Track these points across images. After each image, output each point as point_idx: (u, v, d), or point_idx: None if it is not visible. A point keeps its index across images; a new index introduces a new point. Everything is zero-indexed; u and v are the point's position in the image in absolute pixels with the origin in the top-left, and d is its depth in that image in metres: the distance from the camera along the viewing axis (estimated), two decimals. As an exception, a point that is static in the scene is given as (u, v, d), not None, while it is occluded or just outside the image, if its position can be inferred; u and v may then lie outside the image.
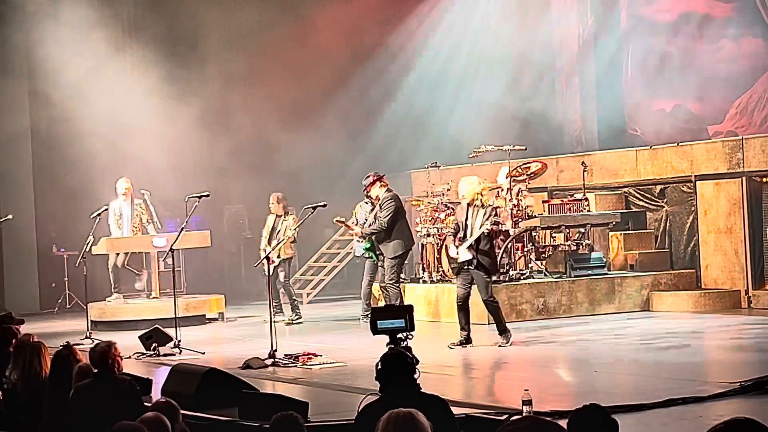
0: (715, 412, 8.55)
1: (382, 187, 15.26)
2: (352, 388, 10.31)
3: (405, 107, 21.33)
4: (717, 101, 18.23)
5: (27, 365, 8.25)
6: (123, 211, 17.40)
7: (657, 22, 19.15)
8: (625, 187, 18.08)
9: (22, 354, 8.34)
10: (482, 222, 12.67)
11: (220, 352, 13.97)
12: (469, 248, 12.79)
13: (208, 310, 17.61)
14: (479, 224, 12.68)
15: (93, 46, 19.83)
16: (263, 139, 20.93)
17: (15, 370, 8.33)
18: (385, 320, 8.71)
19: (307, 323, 16.77)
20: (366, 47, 21.31)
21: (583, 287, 16.07)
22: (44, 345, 8.45)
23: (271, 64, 21.35)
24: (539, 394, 8.40)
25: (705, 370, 11.40)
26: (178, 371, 10.18)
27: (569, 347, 13.15)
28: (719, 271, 16.54)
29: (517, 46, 20.57)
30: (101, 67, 20.05)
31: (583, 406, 5.04)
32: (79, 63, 19.75)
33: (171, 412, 6.26)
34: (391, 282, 14.89)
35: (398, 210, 15.00)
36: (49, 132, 20.63)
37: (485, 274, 12.94)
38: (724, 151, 16.51)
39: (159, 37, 21.00)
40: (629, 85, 19.67)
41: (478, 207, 12.83)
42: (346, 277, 21.28)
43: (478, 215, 12.75)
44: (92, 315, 16.48)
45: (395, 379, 6.37)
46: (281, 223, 16.75)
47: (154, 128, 20.20)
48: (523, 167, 16.79)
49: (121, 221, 17.35)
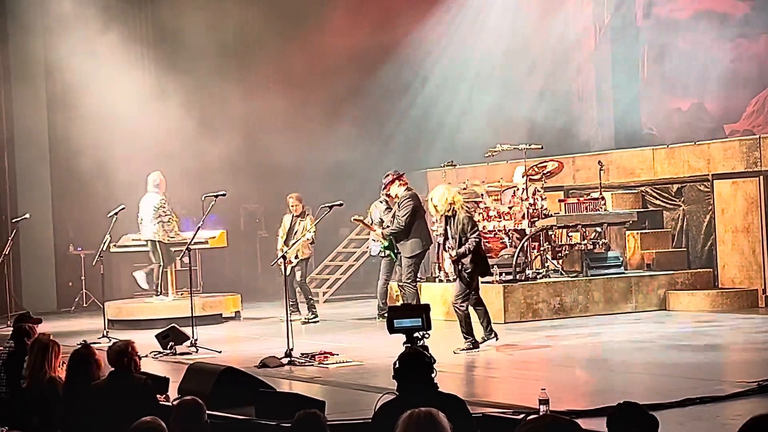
0: (732, 412, 8.54)
1: (402, 185, 15.24)
2: (368, 387, 10.31)
3: (421, 107, 21.34)
4: (733, 100, 18.19)
5: (33, 364, 8.34)
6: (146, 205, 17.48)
7: (674, 20, 19.11)
8: (642, 186, 18.05)
9: (32, 353, 8.43)
10: (463, 235, 12.48)
11: (236, 350, 13.99)
12: (454, 262, 12.68)
13: (224, 309, 17.63)
14: (459, 233, 12.50)
15: (109, 49, 19.92)
16: (278, 139, 20.95)
17: (27, 368, 8.41)
18: (401, 319, 8.72)
19: (324, 322, 16.78)
20: (381, 48, 21.29)
21: (600, 286, 16.04)
22: (53, 344, 8.49)
23: (288, 66, 21.41)
24: (556, 393, 8.39)
25: (722, 369, 11.38)
26: (195, 370, 10.21)
27: (586, 347, 13.13)
28: (736, 270, 16.49)
29: (533, 45, 20.56)
30: (118, 69, 20.12)
31: (619, 404, 5.04)
32: (96, 66, 19.84)
33: (197, 410, 6.29)
34: (408, 281, 14.87)
35: (416, 209, 14.97)
36: (66, 132, 20.69)
37: (462, 283, 12.65)
38: (741, 150, 16.47)
39: (173, 39, 21.07)
40: (645, 84, 19.64)
41: (452, 215, 12.63)
42: (362, 276, 21.29)
43: (457, 225, 12.59)
44: (109, 314, 16.51)
45: (413, 378, 6.38)
46: (299, 224, 16.75)
47: (171, 128, 20.27)
48: (540, 166, 16.78)
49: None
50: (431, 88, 21.29)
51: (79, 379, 7.80)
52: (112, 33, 20.06)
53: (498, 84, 20.79)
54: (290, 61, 21.47)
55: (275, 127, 21.21)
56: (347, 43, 20.93)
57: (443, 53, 21.36)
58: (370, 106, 21.76)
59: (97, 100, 19.89)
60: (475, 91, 21.11)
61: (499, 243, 16.44)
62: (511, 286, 15.53)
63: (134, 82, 20.64)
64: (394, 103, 21.62)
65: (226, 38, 21.42)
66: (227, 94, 21.02)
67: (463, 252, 12.49)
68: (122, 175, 19.40)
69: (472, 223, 12.66)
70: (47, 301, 20.70)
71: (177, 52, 21.12)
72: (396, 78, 21.50)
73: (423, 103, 21.32)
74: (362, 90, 21.59)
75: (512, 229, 16.29)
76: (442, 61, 21.38)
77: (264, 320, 17.49)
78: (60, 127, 20.84)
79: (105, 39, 19.98)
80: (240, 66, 21.65)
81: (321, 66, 21.44)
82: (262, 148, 21.07)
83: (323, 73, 21.53)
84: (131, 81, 20.48)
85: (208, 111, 20.49)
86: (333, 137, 21.19)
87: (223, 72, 21.35)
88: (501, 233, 16.40)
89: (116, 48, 20.13)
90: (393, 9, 21.09)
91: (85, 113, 20.13)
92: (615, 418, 4.99)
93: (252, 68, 22.00)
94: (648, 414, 5.00)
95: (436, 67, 21.38)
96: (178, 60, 21.08)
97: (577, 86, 20.93)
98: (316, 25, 21.26)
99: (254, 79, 21.97)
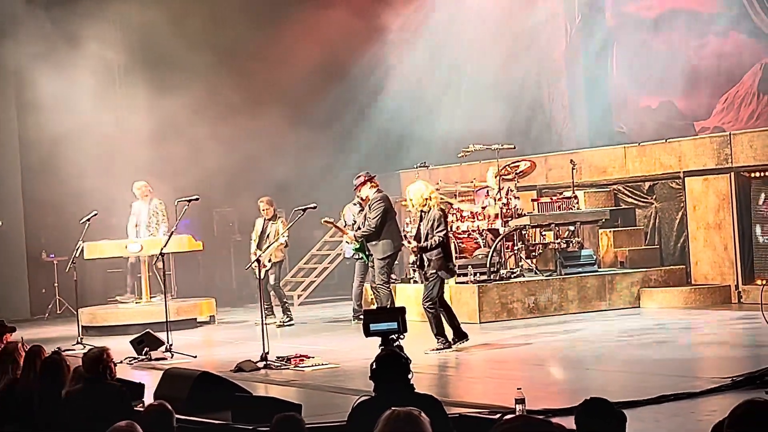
0: (707, 408, 8.58)
1: (372, 187, 15.24)
2: (344, 389, 10.31)
3: (393, 108, 21.32)
4: (703, 97, 18.26)
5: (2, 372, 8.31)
6: (141, 213, 17.49)
7: (643, 19, 19.18)
8: (614, 184, 18.12)
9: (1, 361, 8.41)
10: (431, 231, 12.46)
11: (211, 355, 13.96)
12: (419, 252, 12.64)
13: (199, 314, 17.59)
14: (428, 229, 12.49)
15: (80, 56, 19.82)
16: (251, 141, 20.89)
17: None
18: (377, 323, 8.71)
19: (299, 325, 16.77)
20: (354, 48, 21.28)
21: (574, 285, 16.10)
22: (19, 348, 8.45)
23: (258, 67, 21.35)
24: (532, 392, 8.41)
25: (696, 366, 11.43)
26: (171, 375, 10.16)
27: (561, 345, 13.17)
28: (709, 266, 16.58)
29: (504, 44, 20.59)
30: (89, 75, 20.02)
31: (586, 400, 5.03)
32: (67, 72, 19.75)
33: (165, 414, 6.25)
34: (381, 283, 14.88)
35: (387, 210, 14.98)
36: (37, 138, 20.58)
37: (428, 281, 12.68)
38: (712, 147, 16.56)
39: (145, 46, 21.01)
40: (615, 83, 19.70)
41: (426, 212, 12.65)
42: (337, 279, 21.28)
43: (428, 221, 12.59)
44: (83, 320, 16.45)
45: (389, 378, 6.38)
46: (270, 227, 16.76)
47: (142, 133, 20.20)
48: (512, 166, 16.83)
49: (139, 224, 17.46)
50: (403, 89, 21.26)
51: (53, 386, 7.76)
52: (84, 41, 19.94)
53: (470, 84, 20.81)
54: (255, 66, 21.39)
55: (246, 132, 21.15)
56: (317, 44, 20.89)
57: (415, 53, 21.34)
58: (341, 108, 21.73)
59: (67, 105, 19.77)
60: (448, 92, 21.13)
61: (473, 243, 16.47)
62: (485, 285, 15.56)
63: (105, 88, 20.55)
64: (365, 105, 21.59)
65: (195, 40, 21.31)
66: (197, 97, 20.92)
67: (425, 246, 12.48)
68: (94, 181, 19.31)
69: (442, 222, 12.62)
70: (20, 308, 20.58)
71: (146, 57, 21.04)
72: (366, 80, 21.47)
73: (395, 105, 21.29)
74: (332, 93, 21.57)
75: (486, 228, 16.33)
76: (414, 61, 21.36)
77: (239, 324, 17.46)
78: (31, 133, 20.71)
79: (74, 46, 19.86)
80: (208, 69, 21.54)
81: (287, 71, 21.36)
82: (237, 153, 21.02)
83: (290, 77, 21.45)
84: (102, 87, 20.38)
85: (180, 115, 20.40)
86: (307, 140, 21.17)
87: (192, 76, 21.24)
88: (475, 233, 16.43)
89: (86, 54, 20.01)
90: (364, 9, 21.09)
91: (56, 119, 20.02)
92: (582, 414, 4.98)
93: (220, 73, 21.90)
94: (615, 409, 5.00)
95: (408, 68, 21.36)
96: (147, 64, 20.99)
97: (549, 86, 20.98)
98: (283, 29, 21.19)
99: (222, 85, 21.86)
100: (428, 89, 21.23)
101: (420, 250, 12.55)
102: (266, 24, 21.32)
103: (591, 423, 4.93)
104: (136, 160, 19.63)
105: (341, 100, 21.59)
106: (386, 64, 21.39)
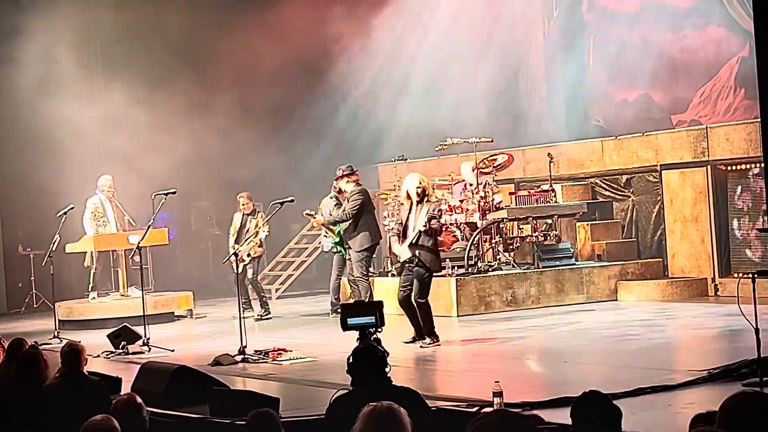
0: (683, 401, 8.61)
1: (350, 182, 15.26)
2: (323, 383, 10.31)
3: (370, 101, 21.30)
4: (680, 91, 18.31)
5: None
6: (106, 208, 17.32)
7: (620, 12, 19.21)
8: (591, 177, 18.17)
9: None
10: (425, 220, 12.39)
11: (189, 349, 13.92)
12: (410, 246, 12.49)
13: (176, 308, 17.56)
14: (421, 222, 12.41)
15: (56, 44, 19.72)
16: (227, 136, 20.85)
17: None
18: (355, 317, 8.71)
19: (277, 319, 16.76)
20: (330, 40, 21.23)
21: (551, 278, 16.13)
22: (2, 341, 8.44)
23: (233, 65, 21.31)
24: (510, 385, 8.42)
25: (673, 358, 11.48)
26: (148, 369, 10.14)
27: (539, 338, 13.20)
28: (686, 259, 16.64)
29: (481, 37, 20.58)
30: (65, 65, 19.94)
31: (584, 393, 5.04)
32: (43, 61, 19.65)
33: (135, 407, 6.24)
34: (360, 276, 14.89)
35: (365, 203, 15.02)
36: (13, 131, 20.48)
37: (425, 272, 12.59)
38: (689, 141, 16.62)
39: (123, 37, 20.94)
40: (593, 76, 19.73)
41: (421, 204, 12.55)
42: (315, 272, 21.27)
43: (421, 212, 12.48)
44: (60, 314, 16.39)
45: (366, 372, 6.38)
46: (249, 221, 16.74)
47: (119, 125, 20.13)
48: (490, 159, 16.84)
49: (105, 219, 17.29)
50: (379, 83, 21.24)
51: (30, 380, 7.73)
52: (63, 32, 19.84)
53: (447, 77, 20.80)
54: (235, 61, 21.32)
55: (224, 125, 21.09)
56: (291, 40, 20.83)
57: (390, 47, 21.30)
58: (318, 102, 21.69)
59: (44, 97, 19.68)
60: (425, 85, 21.09)
61: (451, 236, 16.48)
62: (463, 279, 15.58)
63: (82, 80, 20.46)
64: (341, 99, 21.55)
65: (173, 36, 21.25)
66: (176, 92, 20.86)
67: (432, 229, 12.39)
68: (71, 175, 19.23)
69: (438, 209, 12.75)
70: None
71: (126, 50, 20.96)
72: (343, 73, 21.42)
73: (372, 98, 21.27)
74: (310, 87, 21.53)
75: (464, 222, 16.34)
76: (390, 54, 21.32)
77: (217, 318, 17.42)
78: (6, 126, 20.61)
79: (54, 37, 19.76)
80: (187, 64, 21.48)
81: (267, 65, 21.30)
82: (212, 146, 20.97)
83: (269, 71, 21.39)
84: (79, 79, 20.29)
85: (157, 109, 20.32)
86: (283, 133, 21.14)
87: (170, 70, 21.17)
88: (453, 227, 16.45)
89: (64, 45, 19.91)
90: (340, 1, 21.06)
91: (32, 111, 19.92)
92: (580, 407, 4.99)
93: (197, 68, 21.85)
94: (612, 404, 5.02)
95: (384, 62, 21.34)
96: (127, 57, 20.92)
97: (526, 79, 21.00)
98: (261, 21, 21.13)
99: (199, 79, 21.80)
100: (405, 82, 21.19)
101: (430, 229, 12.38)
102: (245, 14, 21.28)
103: (588, 416, 4.94)
104: (110, 153, 19.53)
105: (318, 94, 21.54)
106: (364, 56, 21.33)
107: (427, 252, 12.53)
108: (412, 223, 12.54)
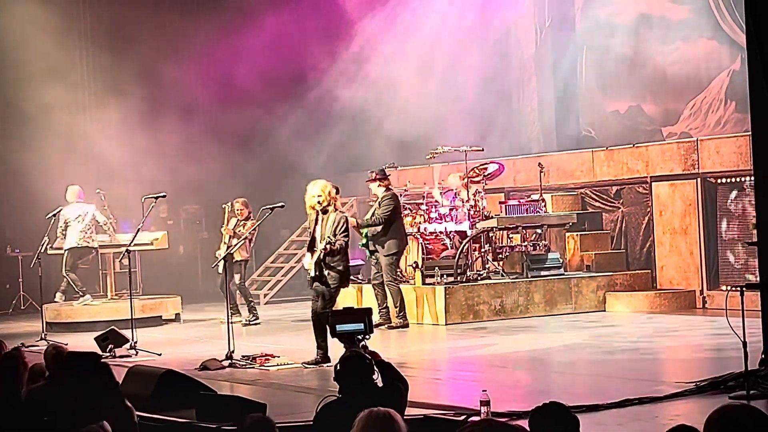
0: (671, 412, 8.62)
1: (381, 186, 15.34)
2: (310, 389, 10.30)
3: (361, 108, 21.28)
4: (671, 103, 18.35)
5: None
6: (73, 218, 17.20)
7: (613, 24, 19.25)
8: (582, 188, 18.19)
9: None
10: (331, 232, 11.78)
11: (176, 353, 13.88)
12: (316, 263, 11.88)
13: (164, 312, 17.53)
14: (328, 233, 11.83)
15: (45, 44, 19.70)
16: (219, 138, 20.84)
17: None
18: (344, 324, 8.70)
19: (265, 324, 16.73)
20: (324, 46, 21.23)
21: (540, 288, 16.14)
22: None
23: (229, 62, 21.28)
24: (497, 394, 8.42)
25: (661, 370, 11.49)
26: (135, 373, 10.11)
27: (526, 348, 13.20)
28: (674, 271, 16.66)
29: (473, 47, 20.59)
30: (55, 63, 19.91)
31: (543, 404, 5.06)
32: (33, 60, 19.63)
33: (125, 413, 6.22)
34: (390, 280, 14.99)
35: (396, 209, 15.16)
36: (3, 132, 20.43)
37: (326, 289, 11.93)
38: (680, 153, 16.65)
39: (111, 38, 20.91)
40: (584, 86, 19.76)
41: (327, 214, 11.94)
42: (303, 278, 21.17)
43: (327, 222, 11.92)
44: (47, 316, 16.34)
45: (354, 379, 6.38)
46: (243, 227, 16.72)
47: (109, 127, 20.09)
48: (480, 168, 16.86)
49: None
50: (370, 89, 21.22)
51: (11, 383, 7.69)
52: (51, 32, 19.82)
53: (439, 86, 20.79)
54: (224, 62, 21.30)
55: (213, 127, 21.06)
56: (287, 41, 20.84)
57: (382, 54, 21.30)
58: (310, 106, 21.67)
59: (34, 98, 19.64)
60: (416, 93, 21.08)
61: (441, 245, 16.48)
62: (452, 287, 15.58)
63: (71, 82, 20.42)
64: (333, 105, 21.53)
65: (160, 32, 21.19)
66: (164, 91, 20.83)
67: (333, 249, 11.74)
68: (60, 177, 19.17)
69: (345, 225, 12.01)
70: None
71: (114, 51, 20.93)
72: (334, 79, 21.40)
73: (363, 105, 21.25)
74: (301, 90, 21.52)
75: (453, 230, 16.34)
76: (382, 62, 21.32)
77: (204, 322, 17.40)
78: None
79: (44, 37, 19.73)
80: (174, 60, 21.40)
81: (259, 66, 21.28)
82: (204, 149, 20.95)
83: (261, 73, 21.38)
84: (68, 81, 20.25)
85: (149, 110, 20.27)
86: (276, 138, 21.13)
87: (157, 69, 21.10)
88: (442, 235, 16.45)
89: (54, 48, 19.88)
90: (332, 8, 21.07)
91: (22, 112, 19.88)
92: (538, 417, 5.02)
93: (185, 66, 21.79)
94: (571, 414, 5.03)
95: (376, 68, 21.33)
96: (114, 59, 20.89)
97: (518, 89, 21.02)
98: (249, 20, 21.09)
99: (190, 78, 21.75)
100: (397, 89, 21.19)
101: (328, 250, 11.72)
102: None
103: (545, 426, 4.96)
104: (102, 156, 19.50)
105: (308, 99, 21.53)
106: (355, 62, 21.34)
107: (331, 270, 11.94)
108: (319, 235, 12.00)
